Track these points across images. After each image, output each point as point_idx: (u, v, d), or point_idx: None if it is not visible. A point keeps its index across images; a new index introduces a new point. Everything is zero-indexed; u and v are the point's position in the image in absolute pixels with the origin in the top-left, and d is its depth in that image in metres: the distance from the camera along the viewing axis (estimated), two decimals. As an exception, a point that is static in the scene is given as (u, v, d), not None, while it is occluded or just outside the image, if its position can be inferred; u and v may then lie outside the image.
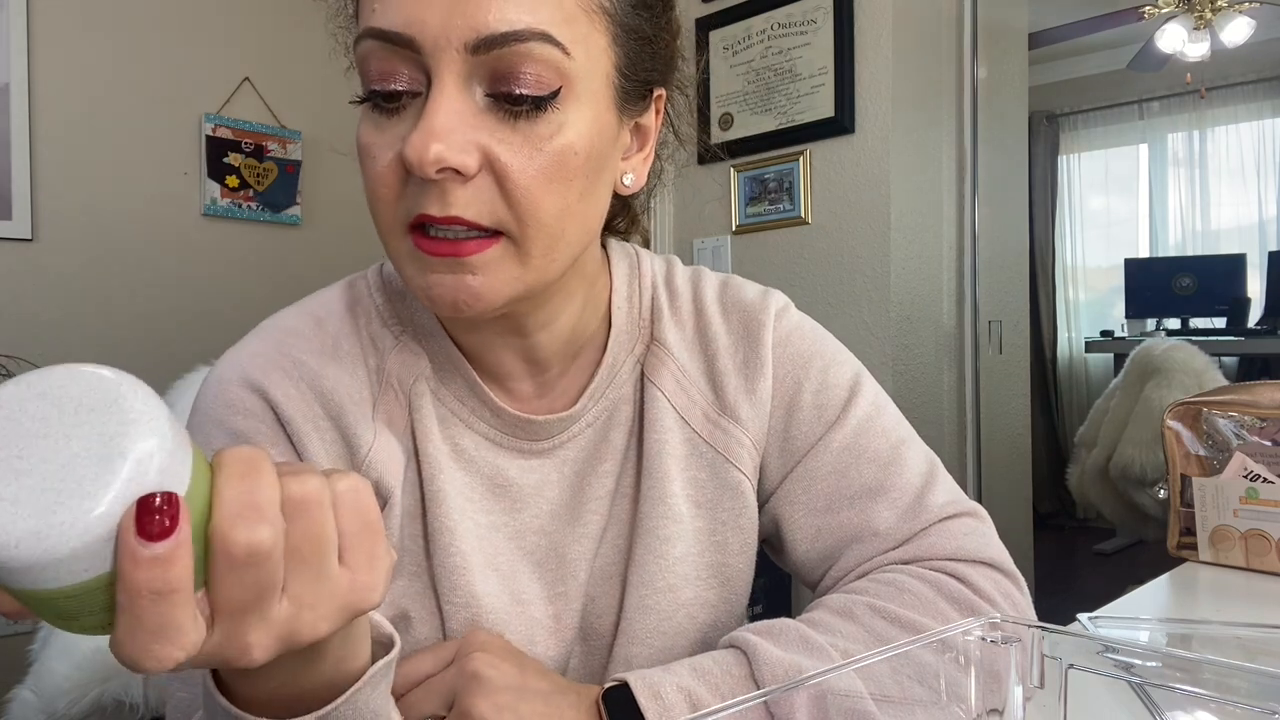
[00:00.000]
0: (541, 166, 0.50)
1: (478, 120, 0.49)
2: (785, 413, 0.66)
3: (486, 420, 0.62)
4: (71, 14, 2.40)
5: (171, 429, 0.29)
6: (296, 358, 0.59)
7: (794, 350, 0.68)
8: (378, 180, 0.51)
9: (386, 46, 0.49)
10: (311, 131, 2.79)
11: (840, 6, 2.25)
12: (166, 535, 0.28)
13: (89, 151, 2.43)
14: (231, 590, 0.32)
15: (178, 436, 0.30)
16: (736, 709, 0.35)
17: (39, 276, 2.36)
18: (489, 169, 0.49)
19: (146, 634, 0.30)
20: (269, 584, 0.32)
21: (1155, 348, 2.82)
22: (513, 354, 0.62)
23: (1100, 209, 5.33)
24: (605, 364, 0.65)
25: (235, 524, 0.31)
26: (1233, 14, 3.78)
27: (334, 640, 0.39)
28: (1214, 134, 4.94)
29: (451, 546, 0.60)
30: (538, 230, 0.51)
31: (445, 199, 0.49)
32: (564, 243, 0.53)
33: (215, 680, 0.41)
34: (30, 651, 1.01)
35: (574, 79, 0.50)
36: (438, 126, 0.47)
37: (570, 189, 0.52)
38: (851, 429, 0.66)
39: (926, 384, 2.35)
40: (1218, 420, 1.01)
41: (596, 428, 0.65)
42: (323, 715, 0.40)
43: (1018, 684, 0.42)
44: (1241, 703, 0.37)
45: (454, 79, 0.48)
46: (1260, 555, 0.94)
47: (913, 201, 2.29)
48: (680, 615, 0.63)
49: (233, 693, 0.41)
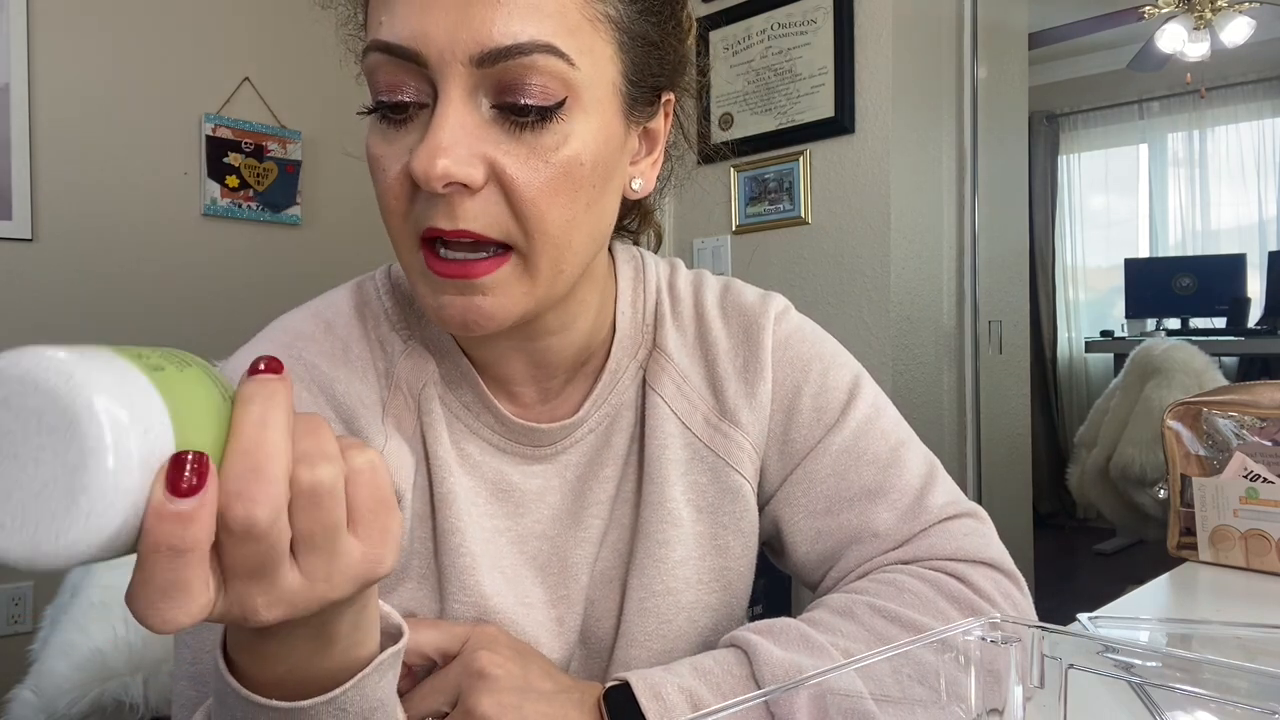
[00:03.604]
0: (548, 178, 0.50)
1: (483, 132, 0.49)
2: (785, 416, 0.66)
3: (491, 427, 0.62)
4: (71, 14, 2.40)
5: (139, 442, 0.29)
6: (308, 361, 0.60)
7: (793, 353, 0.68)
8: (387, 192, 0.51)
9: (393, 60, 0.49)
10: (311, 131, 2.79)
11: (840, 6, 2.25)
12: (193, 493, 0.30)
13: (89, 151, 2.43)
14: (235, 558, 0.32)
15: (152, 440, 0.29)
16: (736, 709, 0.35)
17: (39, 276, 2.36)
18: (495, 181, 0.49)
19: (157, 591, 0.30)
20: (272, 558, 0.33)
21: (1155, 348, 2.82)
22: (522, 361, 0.62)
23: (1100, 209, 5.33)
24: (608, 370, 0.65)
25: (233, 500, 0.31)
26: (1233, 14, 3.78)
27: (344, 626, 0.39)
28: (1214, 134, 4.94)
29: (461, 547, 0.60)
30: (545, 242, 0.51)
31: (453, 212, 0.49)
32: (571, 253, 0.53)
33: (226, 663, 0.41)
34: (30, 651, 1.01)
35: (579, 89, 0.50)
36: (444, 141, 0.47)
37: (577, 199, 0.52)
38: (851, 431, 0.66)
39: (926, 384, 2.35)
40: (1218, 420, 1.01)
41: (599, 433, 0.65)
42: (330, 699, 0.41)
43: (1018, 684, 0.42)
44: (1241, 703, 0.37)
45: (459, 92, 0.48)
46: (1260, 555, 0.94)
47: (913, 201, 2.29)
48: (680, 619, 0.63)
49: (242, 675, 0.41)
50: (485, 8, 0.47)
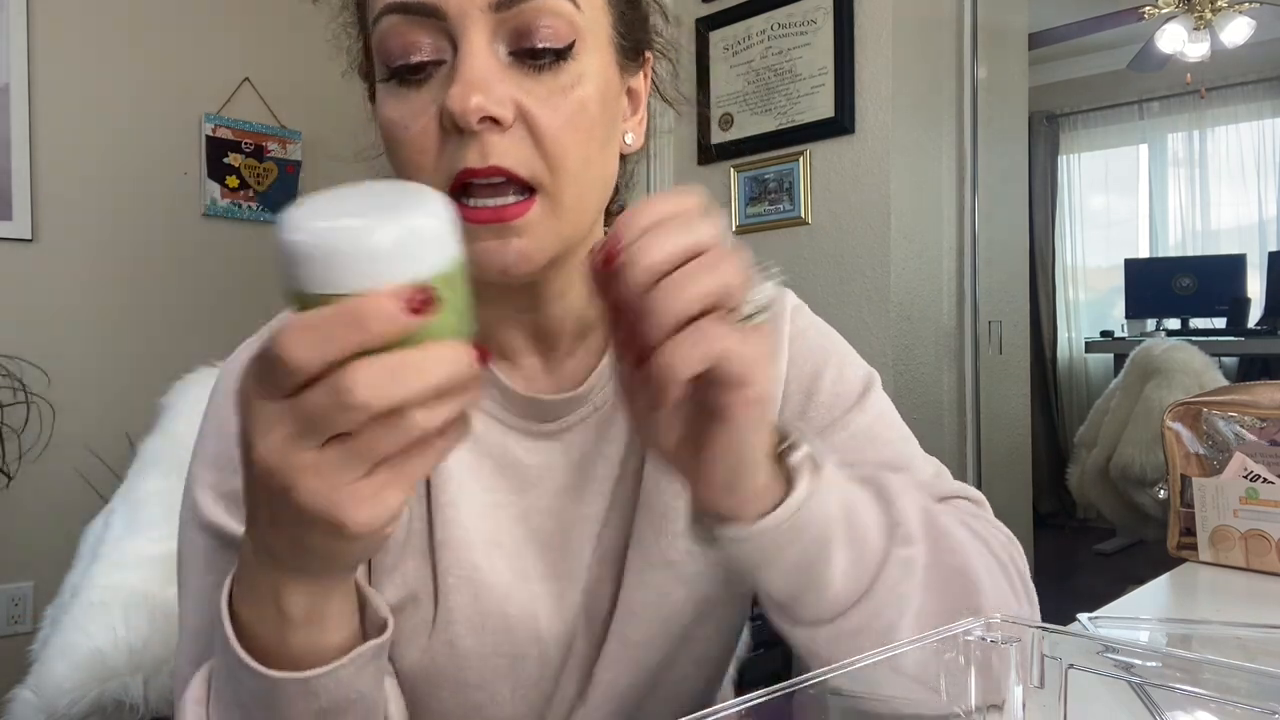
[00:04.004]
0: (567, 115, 0.53)
1: (506, 74, 0.52)
2: (803, 396, 0.67)
3: (495, 400, 0.63)
4: (71, 14, 2.40)
5: (435, 247, 0.37)
6: None
7: (811, 342, 0.69)
8: (412, 147, 0.53)
9: (409, 19, 0.51)
10: (311, 131, 2.79)
11: (840, 6, 2.25)
12: (418, 313, 0.34)
13: (89, 151, 2.43)
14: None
15: (437, 255, 0.37)
16: (737, 709, 0.35)
17: (39, 276, 2.36)
18: (521, 120, 0.52)
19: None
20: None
21: (1155, 348, 2.82)
22: (523, 330, 0.63)
23: (1100, 209, 5.33)
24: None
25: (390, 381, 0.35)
26: (1233, 14, 3.78)
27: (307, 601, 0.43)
28: (1214, 134, 4.94)
29: (455, 521, 0.60)
30: (568, 179, 0.53)
31: (485, 149, 0.51)
32: (590, 191, 0.56)
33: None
34: (30, 651, 1.01)
35: (584, 32, 0.54)
36: (475, 79, 0.50)
37: (592, 137, 0.55)
38: (869, 417, 0.67)
39: (926, 384, 2.35)
40: (1218, 420, 1.01)
41: (603, 412, 0.65)
42: (304, 679, 0.43)
43: (1018, 684, 0.43)
44: (1241, 703, 0.37)
45: (481, 38, 0.51)
46: (1260, 555, 0.94)
47: (913, 201, 2.29)
48: (680, 592, 0.63)
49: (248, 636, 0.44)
50: None
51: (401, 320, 0.34)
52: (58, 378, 2.35)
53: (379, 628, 0.47)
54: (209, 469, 0.59)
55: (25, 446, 2.27)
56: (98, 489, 2.12)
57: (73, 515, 1.38)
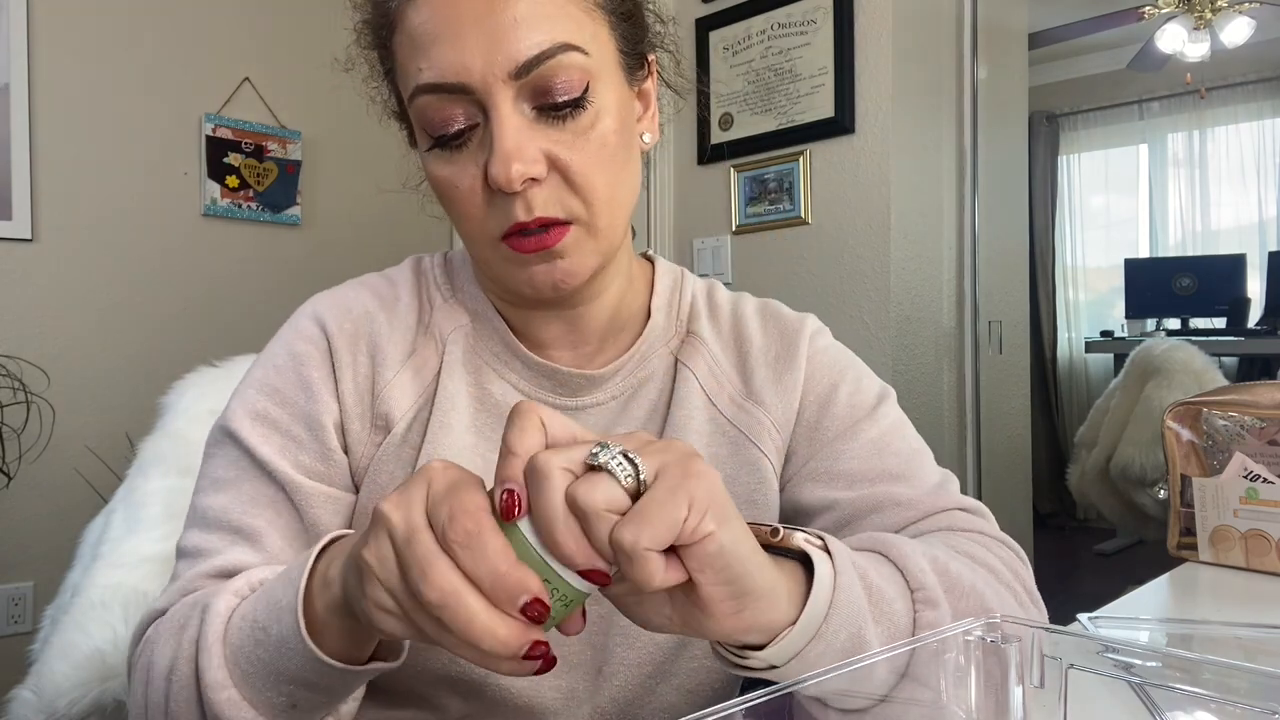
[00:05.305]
0: (593, 154, 0.59)
1: (534, 132, 0.58)
2: (819, 407, 0.71)
3: (517, 370, 0.69)
4: (71, 14, 2.40)
5: None
6: (362, 302, 0.69)
7: (829, 359, 0.74)
8: (464, 203, 0.60)
9: (441, 96, 0.58)
10: (311, 131, 2.79)
11: (840, 6, 2.25)
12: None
13: (89, 151, 2.43)
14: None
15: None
16: (736, 709, 0.35)
17: (39, 276, 2.36)
18: (553, 168, 0.58)
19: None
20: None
21: (1155, 348, 2.82)
22: (559, 326, 0.69)
23: (1100, 209, 5.32)
24: (639, 345, 0.71)
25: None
26: (1233, 14, 3.78)
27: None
28: (1214, 134, 4.93)
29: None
30: (600, 207, 0.60)
31: (529, 204, 0.58)
32: (619, 207, 0.63)
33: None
34: (30, 651, 1.01)
35: (595, 72, 0.59)
36: (511, 148, 0.56)
37: (615, 162, 0.61)
38: (881, 429, 0.70)
39: (926, 384, 2.35)
40: (1218, 420, 1.01)
41: (621, 400, 0.70)
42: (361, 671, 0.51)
43: (1018, 684, 0.42)
44: (1241, 703, 0.37)
45: (507, 104, 0.57)
46: (1260, 555, 0.94)
47: (913, 201, 2.29)
48: None
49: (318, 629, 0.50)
50: (509, 30, 0.56)
51: (507, 625, 0.40)
52: (58, 378, 2.35)
53: (394, 653, 0.54)
54: (254, 388, 0.66)
55: (25, 446, 2.27)
56: (98, 489, 2.12)
57: (73, 515, 1.38)
